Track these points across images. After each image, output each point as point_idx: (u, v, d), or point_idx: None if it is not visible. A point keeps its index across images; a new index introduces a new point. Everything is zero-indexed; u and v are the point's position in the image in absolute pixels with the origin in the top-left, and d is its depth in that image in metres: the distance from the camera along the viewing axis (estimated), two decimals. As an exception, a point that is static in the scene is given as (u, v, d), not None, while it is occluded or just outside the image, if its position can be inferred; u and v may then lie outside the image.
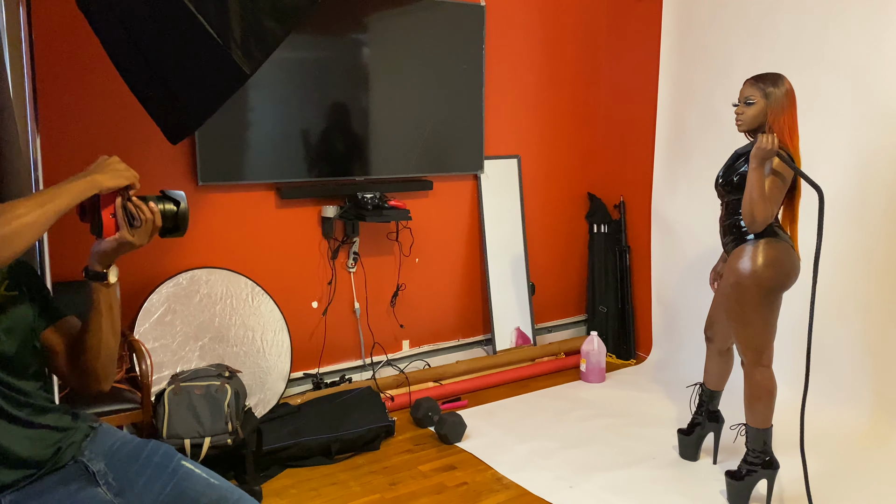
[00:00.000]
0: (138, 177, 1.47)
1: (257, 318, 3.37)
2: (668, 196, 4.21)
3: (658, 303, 4.33)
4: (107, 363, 1.58)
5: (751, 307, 2.58)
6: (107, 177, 1.42)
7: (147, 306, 3.10)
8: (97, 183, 1.40)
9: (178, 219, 1.54)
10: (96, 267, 1.50)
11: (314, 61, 3.47)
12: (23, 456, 1.47)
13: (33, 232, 1.27)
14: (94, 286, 1.52)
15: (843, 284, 3.38)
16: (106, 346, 1.56)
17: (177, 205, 1.53)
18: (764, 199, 2.47)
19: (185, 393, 2.73)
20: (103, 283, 1.52)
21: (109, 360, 1.58)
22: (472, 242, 4.25)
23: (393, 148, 3.77)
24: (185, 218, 1.54)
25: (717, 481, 2.88)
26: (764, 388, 2.63)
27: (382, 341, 3.98)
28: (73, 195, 1.36)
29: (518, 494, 2.82)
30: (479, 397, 3.85)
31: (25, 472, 1.48)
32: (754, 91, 2.55)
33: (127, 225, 1.46)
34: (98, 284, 1.52)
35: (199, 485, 1.63)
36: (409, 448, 3.24)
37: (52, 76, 2.95)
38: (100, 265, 1.50)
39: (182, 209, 1.53)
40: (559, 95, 4.48)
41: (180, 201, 1.53)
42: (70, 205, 1.35)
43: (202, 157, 3.26)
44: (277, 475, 2.97)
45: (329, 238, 3.71)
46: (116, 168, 1.44)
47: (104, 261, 1.50)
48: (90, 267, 1.51)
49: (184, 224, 1.54)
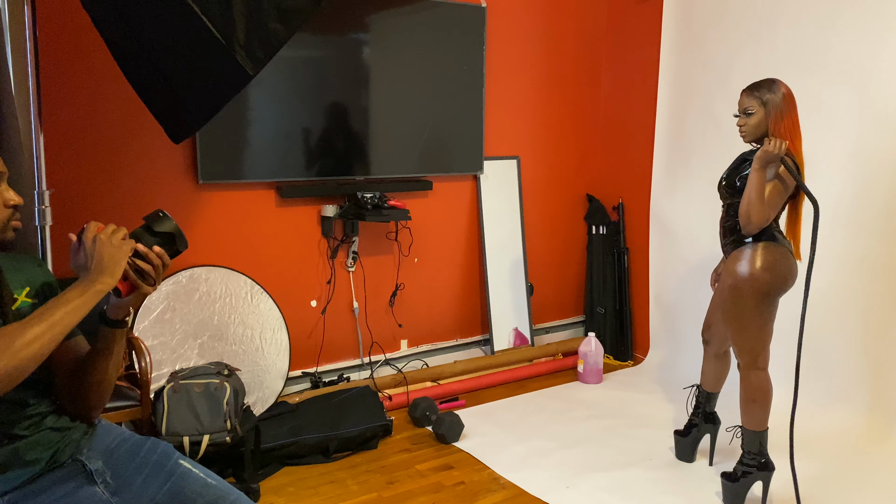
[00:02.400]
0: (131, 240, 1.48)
1: (256, 316, 3.38)
2: (666, 198, 4.22)
3: (656, 304, 4.34)
4: (103, 396, 1.59)
5: (747, 310, 2.59)
6: (111, 274, 1.41)
7: (146, 304, 3.11)
8: (106, 287, 1.40)
9: (177, 243, 1.56)
10: (116, 317, 1.53)
11: (315, 60, 3.48)
12: (24, 460, 1.48)
13: (46, 352, 1.29)
14: (111, 332, 1.53)
15: (842, 287, 3.39)
16: (107, 382, 1.57)
17: (169, 230, 1.54)
18: (762, 203, 2.48)
19: (185, 391, 2.74)
20: (122, 329, 1.54)
21: (107, 394, 1.60)
22: (471, 243, 4.26)
23: (393, 148, 3.78)
24: (182, 237, 1.56)
25: (712, 483, 2.90)
26: (759, 391, 2.65)
27: (381, 341, 3.99)
28: (84, 311, 1.37)
29: (515, 494, 2.84)
30: (476, 397, 3.86)
31: (26, 473, 1.49)
32: (752, 101, 2.56)
33: (141, 282, 1.48)
34: (116, 330, 1.54)
35: (196, 484, 1.64)
36: (406, 447, 3.25)
37: (56, 73, 2.96)
38: (119, 315, 1.53)
39: (176, 232, 1.55)
40: (559, 97, 4.50)
41: (171, 231, 1.54)
42: (82, 317, 1.35)
43: (203, 156, 3.27)
44: (275, 473, 2.98)
45: (328, 237, 3.72)
46: (112, 256, 1.42)
47: (123, 311, 1.53)
48: (109, 316, 1.52)
49: (182, 243, 1.56)
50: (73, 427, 1.59)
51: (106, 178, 3.14)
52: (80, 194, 3.07)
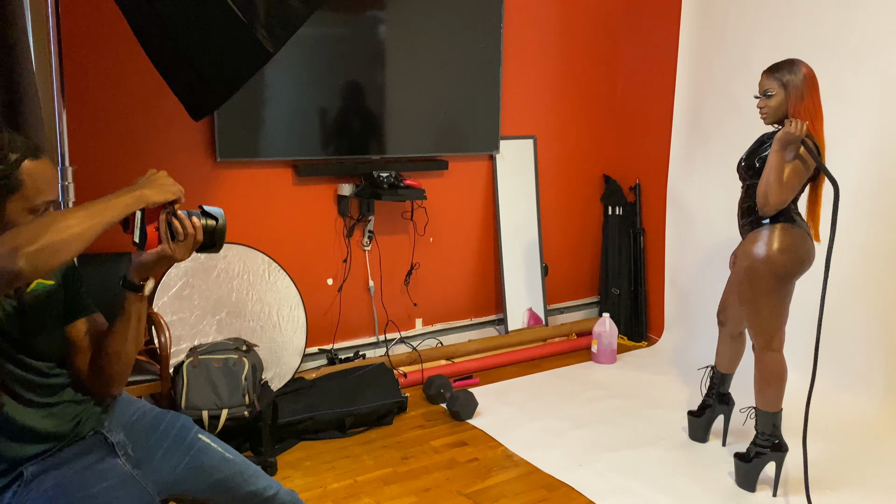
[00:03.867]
0: (184, 191, 1.49)
1: (274, 293, 3.41)
2: (684, 180, 4.20)
3: (671, 286, 4.34)
4: (123, 369, 1.60)
5: (763, 292, 2.59)
6: (154, 192, 1.44)
7: (166, 280, 3.15)
8: (145, 198, 1.42)
9: (215, 235, 1.54)
10: (134, 278, 1.53)
11: (332, 38, 3.48)
12: (45, 432, 1.51)
13: (81, 244, 1.29)
14: (127, 296, 1.54)
15: (860, 272, 3.37)
16: (126, 353, 1.58)
17: (216, 221, 1.54)
18: (780, 184, 2.47)
19: (204, 366, 2.78)
20: (138, 294, 1.54)
21: (126, 367, 1.60)
22: (487, 222, 4.27)
23: (409, 127, 3.78)
24: (223, 234, 1.55)
25: (725, 463, 2.91)
26: (774, 373, 2.65)
27: (396, 319, 4.02)
28: (122, 209, 1.38)
29: (528, 472, 2.87)
30: (490, 376, 3.89)
31: (47, 445, 1.51)
32: (772, 82, 2.54)
33: (169, 239, 1.48)
34: (132, 295, 1.54)
35: (214, 459, 1.68)
36: (421, 424, 3.29)
37: (78, 53, 2.97)
38: (138, 277, 1.53)
39: (220, 225, 1.54)
40: (576, 76, 4.47)
41: (219, 218, 1.54)
42: (118, 218, 1.37)
43: (221, 134, 3.29)
44: (292, 447, 3.03)
45: (345, 216, 3.74)
46: (164, 183, 1.46)
47: (142, 273, 1.53)
48: (128, 277, 1.53)
49: (220, 241, 1.55)
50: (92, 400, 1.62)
51: (125, 156, 3.17)
52: (100, 171, 3.10)
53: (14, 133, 1.45)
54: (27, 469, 1.48)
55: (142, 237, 1.48)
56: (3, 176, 1.39)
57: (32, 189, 1.42)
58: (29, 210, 1.43)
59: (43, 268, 1.25)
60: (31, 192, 1.42)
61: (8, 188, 1.40)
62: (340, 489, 2.72)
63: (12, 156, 1.40)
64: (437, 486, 2.75)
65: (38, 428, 1.50)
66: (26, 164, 1.42)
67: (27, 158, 1.42)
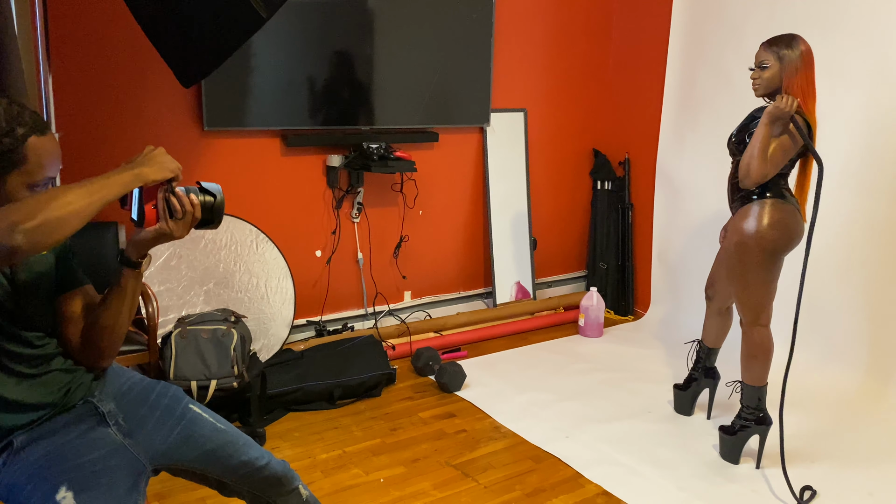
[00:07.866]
0: (182, 168, 1.48)
1: (262, 264, 3.40)
2: (673, 155, 4.20)
3: (658, 261, 4.36)
4: (115, 343, 1.59)
5: (752, 267, 2.60)
6: (152, 170, 1.42)
7: (153, 250, 3.12)
8: (143, 176, 1.41)
9: (213, 211, 1.54)
10: (132, 255, 1.52)
11: (322, 6, 3.42)
12: (33, 402, 1.50)
13: (79, 221, 1.29)
14: (124, 272, 1.53)
15: (846, 247, 3.40)
16: (119, 326, 1.57)
17: (214, 197, 1.53)
18: (764, 158, 2.47)
19: (192, 336, 2.77)
20: (135, 271, 1.53)
21: (117, 341, 1.60)
22: (476, 196, 4.26)
23: (399, 98, 3.74)
24: (221, 211, 1.55)
25: (710, 436, 2.95)
26: (761, 347, 2.68)
27: (385, 291, 4.02)
28: (120, 187, 1.37)
29: (515, 443, 2.90)
30: (478, 348, 3.91)
31: (37, 414, 1.51)
32: (768, 55, 2.53)
33: (167, 216, 1.47)
34: (129, 271, 1.53)
35: (205, 429, 1.68)
36: (409, 395, 3.30)
37: (64, 15, 2.91)
38: (136, 254, 1.52)
39: (219, 202, 1.53)
40: (568, 49, 4.43)
41: (216, 194, 1.53)
42: (116, 196, 1.36)
43: (208, 102, 3.24)
44: (281, 419, 3.03)
45: (334, 187, 3.71)
46: (162, 161, 1.45)
47: (140, 250, 1.52)
48: (125, 253, 1.52)
49: (219, 217, 1.55)
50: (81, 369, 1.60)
51: (112, 122, 3.12)
52: (86, 139, 3.05)
53: (24, 107, 1.43)
54: (17, 438, 1.47)
55: (140, 215, 1.47)
56: (8, 150, 1.37)
57: (35, 165, 1.41)
58: (28, 185, 1.41)
59: (41, 244, 1.24)
60: (34, 167, 1.41)
61: (11, 162, 1.38)
62: (329, 460, 2.73)
63: (20, 130, 1.38)
64: (425, 456, 2.78)
65: (26, 399, 1.49)
66: (32, 140, 1.40)
67: (34, 134, 1.40)
